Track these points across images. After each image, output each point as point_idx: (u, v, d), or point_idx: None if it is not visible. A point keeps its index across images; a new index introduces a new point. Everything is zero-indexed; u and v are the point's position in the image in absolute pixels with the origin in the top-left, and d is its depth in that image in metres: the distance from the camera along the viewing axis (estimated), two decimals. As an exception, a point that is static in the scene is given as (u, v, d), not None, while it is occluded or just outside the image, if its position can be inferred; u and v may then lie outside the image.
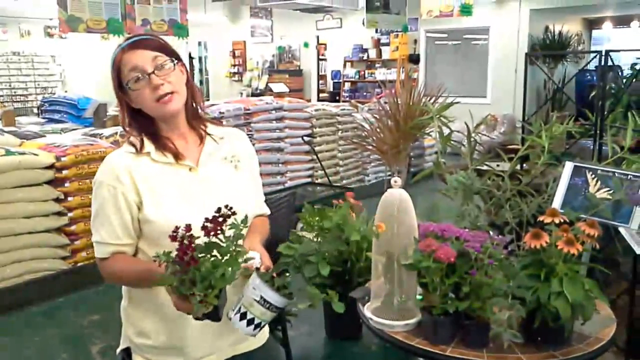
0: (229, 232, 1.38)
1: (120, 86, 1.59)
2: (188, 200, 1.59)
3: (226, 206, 1.38)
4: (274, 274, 1.50)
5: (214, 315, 1.39)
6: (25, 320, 3.67)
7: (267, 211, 1.83)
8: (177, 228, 1.35)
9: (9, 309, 3.73)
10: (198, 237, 1.34)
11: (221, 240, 1.37)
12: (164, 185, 1.60)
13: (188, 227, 1.35)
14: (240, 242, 1.40)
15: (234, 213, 1.38)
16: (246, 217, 1.44)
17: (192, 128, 1.68)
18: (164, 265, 1.35)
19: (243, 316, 1.42)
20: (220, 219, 1.36)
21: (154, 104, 1.57)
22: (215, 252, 1.36)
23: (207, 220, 1.36)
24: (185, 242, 1.33)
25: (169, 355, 1.65)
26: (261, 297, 1.41)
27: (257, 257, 1.52)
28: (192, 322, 1.55)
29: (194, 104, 1.69)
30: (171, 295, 1.38)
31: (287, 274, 1.56)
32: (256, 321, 1.42)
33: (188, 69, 1.70)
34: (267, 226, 1.82)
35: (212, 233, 1.35)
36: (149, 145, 1.61)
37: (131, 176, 1.58)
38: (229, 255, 1.36)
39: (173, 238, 1.34)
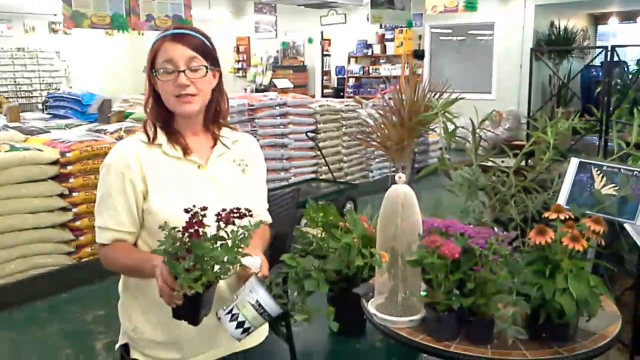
0: (238, 229, 1.37)
1: (152, 69, 1.60)
2: (193, 196, 1.59)
3: (246, 209, 1.38)
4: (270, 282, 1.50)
5: (193, 316, 1.37)
6: (29, 315, 3.68)
7: (269, 219, 1.83)
8: (194, 206, 1.34)
9: (14, 304, 3.74)
10: (208, 226, 1.34)
11: (228, 235, 1.36)
12: (171, 179, 1.61)
13: (204, 208, 1.34)
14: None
15: (251, 215, 1.38)
16: (260, 222, 1.44)
17: (207, 130, 1.70)
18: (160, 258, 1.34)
19: (234, 317, 1.40)
20: (236, 214, 1.36)
21: (174, 98, 1.59)
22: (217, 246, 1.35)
23: (223, 210, 1.36)
24: (198, 217, 1.32)
25: (165, 349, 1.65)
26: (257, 301, 1.39)
27: (258, 261, 1.51)
28: None
29: (217, 109, 1.70)
30: (158, 277, 1.35)
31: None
32: (246, 325, 1.40)
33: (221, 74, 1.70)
34: (268, 234, 1.82)
35: (223, 221, 1.34)
36: (161, 137, 1.63)
37: (140, 164, 1.59)
38: (230, 251, 1.35)
39: (187, 211, 1.33)
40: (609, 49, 4.53)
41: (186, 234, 1.31)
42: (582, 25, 10.65)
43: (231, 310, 1.40)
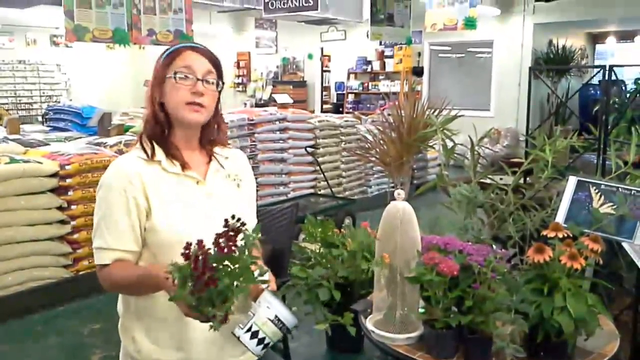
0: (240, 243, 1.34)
1: (161, 76, 1.59)
2: (195, 212, 1.59)
3: (233, 217, 1.34)
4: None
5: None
6: (26, 328, 3.66)
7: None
8: (188, 245, 1.29)
9: (10, 316, 3.72)
10: (209, 249, 1.30)
11: (233, 252, 1.32)
12: (173, 195, 1.59)
13: (200, 244, 1.29)
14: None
15: (243, 224, 1.34)
16: (258, 226, 1.43)
17: (203, 147, 1.70)
18: (172, 279, 1.30)
19: (254, 335, 1.39)
20: (232, 233, 1.31)
21: (184, 105, 1.58)
22: (227, 263, 1.31)
23: (218, 235, 1.31)
24: (200, 259, 1.27)
25: None
26: (275, 316, 1.40)
27: (267, 276, 1.52)
28: (196, 336, 1.53)
29: (217, 126, 1.70)
30: (179, 306, 1.35)
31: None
32: (266, 340, 1.40)
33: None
34: (259, 247, 1.82)
35: (225, 250, 1.29)
36: (159, 154, 1.61)
37: (142, 182, 1.56)
38: (244, 266, 1.32)
39: (186, 256, 1.29)
40: (607, 68, 4.56)
41: (202, 283, 1.26)
42: (580, 44, 10.72)
43: (250, 328, 1.40)
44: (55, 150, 4.38)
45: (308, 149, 6.12)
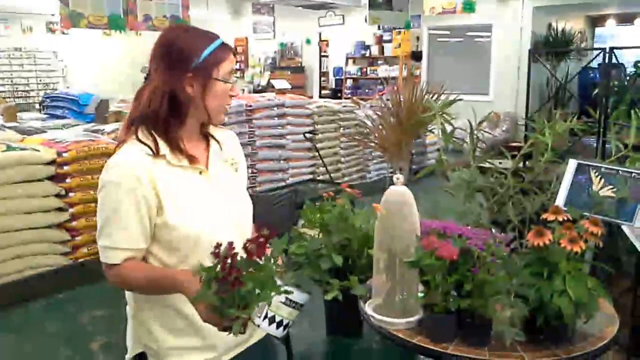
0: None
1: (208, 73, 1.57)
2: (203, 204, 1.58)
3: (266, 236, 1.37)
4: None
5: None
6: (26, 316, 3.67)
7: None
8: (218, 245, 1.32)
9: (10, 305, 3.73)
10: (237, 252, 1.32)
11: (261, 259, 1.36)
12: (181, 189, 1.57)
13: (230, 245, 1.30)
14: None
15: (271, 234, 1.36)
16: (287, 235, 1.46)
17: (200, 132, 1.69)
18: (198, 278, 1.32)
19: (272, 320, 1.44)
20: (262, 240, 1.34)
21: (223, 108, 1.64)
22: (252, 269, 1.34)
23: (248, 241, 1.34)
24: (229, 260, 1.29)
25: (190, 354, 1.62)
26: (286, 298, 1.44)
27: None
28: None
29: None
30: (199, 309, 1.36)
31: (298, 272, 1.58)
32: (284, 322, 1.46)
33: None
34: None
35: (255, 257, 1.33)
36: (164, 148, 1.56)
37: (151, 179, 1.52)
38: (268, 275, 1.34)
39: (216, 255, 1.30)
40: (607, 50, 4.55)
41: (228, 283, 1.29)
42: (579, 27, 10.67)
43: (267, 314, 1.44)
44: (53, 138, 4.37)
45: (306, 134, 6.10)
